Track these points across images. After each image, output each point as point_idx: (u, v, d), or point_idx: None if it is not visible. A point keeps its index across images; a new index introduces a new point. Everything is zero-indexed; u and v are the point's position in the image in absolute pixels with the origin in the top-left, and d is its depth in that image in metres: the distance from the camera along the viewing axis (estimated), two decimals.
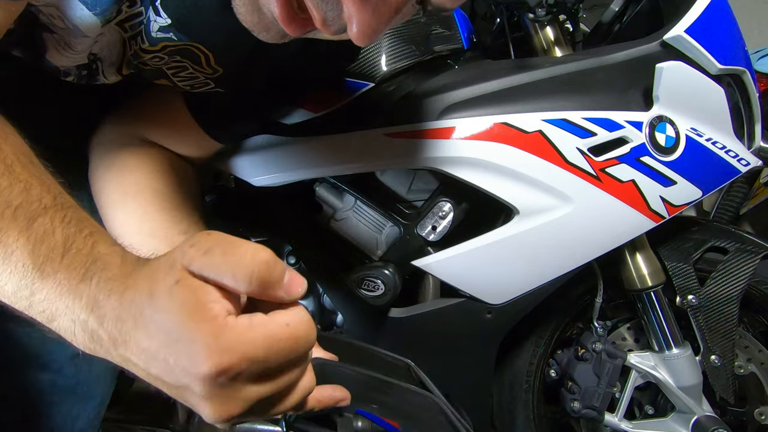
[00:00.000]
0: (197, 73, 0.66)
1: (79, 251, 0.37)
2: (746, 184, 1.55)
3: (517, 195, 0.80)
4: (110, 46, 0.60)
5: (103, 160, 0.72)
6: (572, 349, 1.04)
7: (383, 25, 0.44)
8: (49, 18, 0.53)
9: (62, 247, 0.37)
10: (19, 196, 0.39)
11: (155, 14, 0.57)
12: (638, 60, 0.82)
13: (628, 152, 0.79)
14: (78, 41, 0.56)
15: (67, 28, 0.54)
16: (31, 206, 0.38)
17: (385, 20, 0.43)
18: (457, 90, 0.81)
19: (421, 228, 0.88)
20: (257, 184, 0.88)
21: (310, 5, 0.44)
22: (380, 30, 0.44)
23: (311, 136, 0.84)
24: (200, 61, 0.63)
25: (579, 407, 0.99)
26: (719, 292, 0.95)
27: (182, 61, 0.64)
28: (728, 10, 0.85)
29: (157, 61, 0.63)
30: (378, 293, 0.87)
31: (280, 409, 0.41)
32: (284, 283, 0.37)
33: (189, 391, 0.35)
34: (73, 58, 0.60)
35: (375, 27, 0.43)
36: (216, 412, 0.35)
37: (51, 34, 0.56)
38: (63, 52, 0.59)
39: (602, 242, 0.84)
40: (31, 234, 0.37)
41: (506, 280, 0.87)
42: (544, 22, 0.90)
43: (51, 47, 0.58)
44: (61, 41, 0.57)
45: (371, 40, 0.44)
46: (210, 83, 0.68)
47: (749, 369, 1.01)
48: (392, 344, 0.91)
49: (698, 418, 0.96)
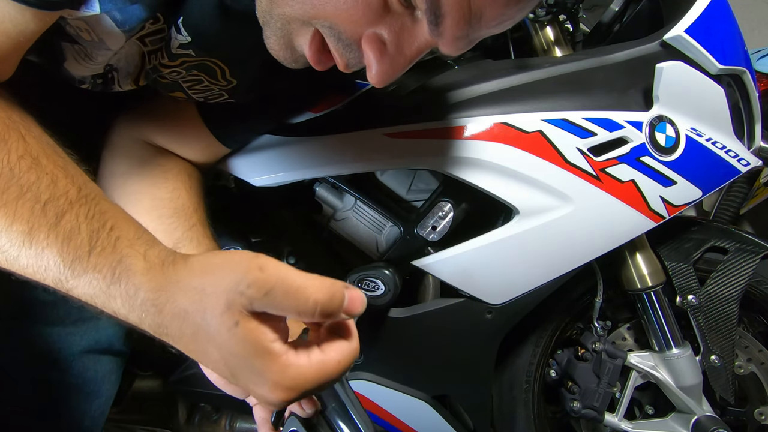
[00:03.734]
0: (212, 86, 0.68)
1: (103, 249, 0.40)
2: (746, 184, 1.54)
3: (517, 195, 0.80)
4: (128, 58, 0.61)
5: (107, 168, 0.73)
6: (572, 349, 1.04)
7: (398, 73, 0.50)
8: (76, 30, 0.54)
9: (88, 245, 0.40)
10: (47, 191, 0.41)
11: (176, 32, 0.58)
12: (638, 60, 0.82)
13: (628, 152, 0.79)
14: (100, 53, 0.57)
15: (93, 41, 0.55)
16: (59, 201, 0.41)
17: (400, 69, 0.50)
18: (457, 90, 0.81)
19: (421, 228, 0.88)
20: (257, 184, 0.88)
21: (335, 54, 0.50)
22: (395, 76, 0.50)
23: (311, 136, 0.84)
24: (216, 74, 0.66)
25: (579, 407, 0.99)
26: (719, 292, 0.95)
27: (198, 75, 0.66)
28: (728, 10, 0.85)
29: (175, 75, 0.65)
30: (378, 293, 0.87)
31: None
32: (345, 306, 0.40)
33: (254, 393, 0.40)
34: (91, 68, 0.61)
35: (391, 74, 0.50)
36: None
37: (72, 45, 0.57)
38: (82, 63, 0.59)
39: (602, 242, 0.84)
40: (59, 232, 0.40)
41: (506, 280, 0.87)
42: (544, 22, 0.90)
43: (70, 57, 0.59)
44: (81, 52, 0.58)
45: (387, 84, 0.51)
46: (224, 95, 0.70)
47: (749, 369, 1.01)
48: (392, 344, 0.91)
49: (698, 418, 0.96)
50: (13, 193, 0.40)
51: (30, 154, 0.42)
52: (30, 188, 0.40)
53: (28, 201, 0.40)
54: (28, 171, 0.41)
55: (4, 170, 0.41)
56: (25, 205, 0.40)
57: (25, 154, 0.42)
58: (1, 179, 0.40)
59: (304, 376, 0.39)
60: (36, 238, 0.39)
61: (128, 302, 0.39)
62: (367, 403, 0.94)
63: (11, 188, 0.40)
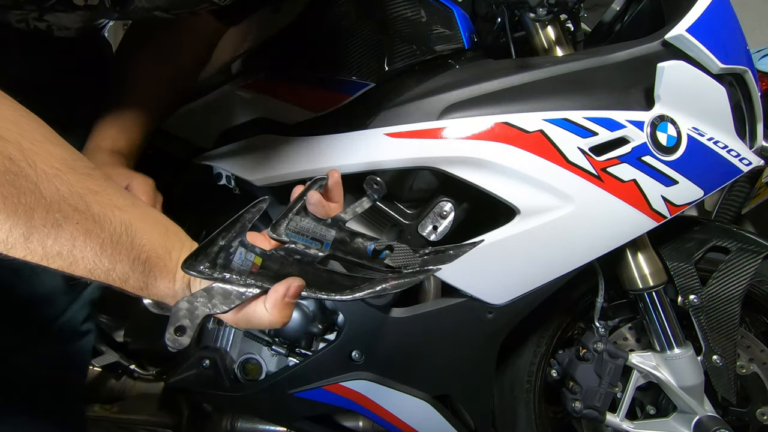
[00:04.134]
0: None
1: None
2: (748, 184, 1.55)
3: (518, 195, 0.80)
4: None
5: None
6: (573, 349, 1.04)
7: None
8: None
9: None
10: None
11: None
12: (639, 59, 0.82)
13: (629, 152, 0.79)
14: None
15: None
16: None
17: None
18: (458, 89, 0.81)
19: (421, 228, 0.88)
20: (258, 184, 0.88)
21: None
22: None
23: (311, 136, 0.84)
24: None
25: (580, 407, 0.99)
26: (721, 291, 0.95)
27: None
28: (730, 9, 0.85)
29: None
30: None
31: None
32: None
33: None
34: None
35: None
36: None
37: None
38: None
39: (603, 242, 0.84)
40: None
41: (507, 280, 0.86)
42: (545, 22, 0.89)
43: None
44: None
45: None
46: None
47: (751, 369, 1.01)
48: (393, 344, 0.91)
49: (700, 418, 0.96)
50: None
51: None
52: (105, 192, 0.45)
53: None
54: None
55: None
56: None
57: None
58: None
59: None
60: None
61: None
62: (367, 402, 0.94)
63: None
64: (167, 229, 0.49)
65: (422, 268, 0.54)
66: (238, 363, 1.00)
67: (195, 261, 0.45)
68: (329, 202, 0.58)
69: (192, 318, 0.45)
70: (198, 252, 0.45)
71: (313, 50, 0.90)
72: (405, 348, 0.92)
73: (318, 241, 0.55)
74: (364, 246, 0.57)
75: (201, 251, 0.46)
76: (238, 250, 0.48)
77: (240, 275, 0.47)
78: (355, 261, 0.55)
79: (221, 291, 0.46)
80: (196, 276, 0.45)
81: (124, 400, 1.08)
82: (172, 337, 0.44)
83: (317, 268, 0.51)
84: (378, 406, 0.94)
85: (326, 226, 0.56)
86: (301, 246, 0.52)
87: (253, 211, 0.51)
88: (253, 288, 0.47)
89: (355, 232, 0.57)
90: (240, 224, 0.49)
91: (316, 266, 0.51)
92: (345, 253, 0.56)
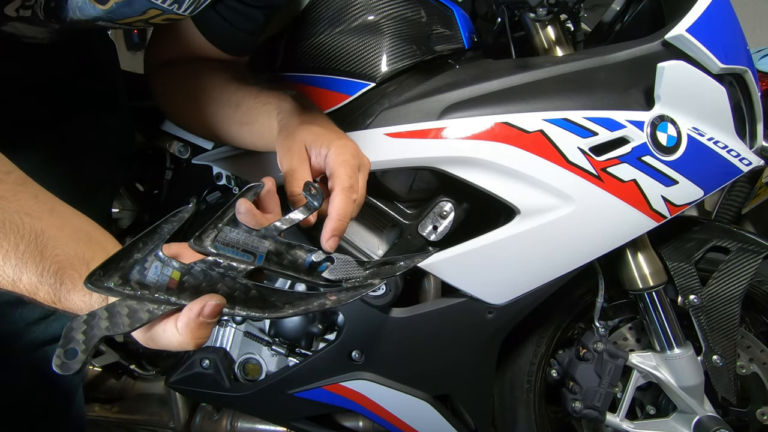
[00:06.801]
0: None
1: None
2: (748, 184, 1.54)
3: (518, 195, 0.80)
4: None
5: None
6: (573, 349, 1.04)
7: None
8: None
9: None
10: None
11: None
12: (639, 59, 0.82)
13: (629, 152, 0.79)
14: None
15: None
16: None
17: None
18: (458, 89, 0.81)
19: (422, 228, 0.88)
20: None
21: None
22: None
23: None
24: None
25: (580, 407, 0.99)
26: (721, 291, 0.95)
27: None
28: (730, 9, 0.85)
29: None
30: (379, 293, 0.87)
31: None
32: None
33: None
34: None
35: None
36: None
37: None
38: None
39: (603, 242, 0.84)
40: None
41: (507, 280, 0.86)
42: (545, 22, 0.89)
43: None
44: None
45: None
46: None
47: (751, 369, 1.01)
48: (393, 344, 0.91)
49: (700, 418, 0.96)
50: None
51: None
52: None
53: None
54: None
55: None
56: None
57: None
58: None
59: None
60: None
61: None
62: (367, 402, 0.94)
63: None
64: (90, 238, 0.45)
65: (366, 281, 0.51)
66: (238, 363, 1.00)
67: (103, 276, 0.41)
68: (264, 213, 0.55)
69: (88, 339, 0.39)
70: (107, 265, 0.41)
71: (313, 50, 0.90)
72: (405, 348, 0.92)
73: (250, 253, 0.50)
74: (302, 258, 0.53)
75: (111, 264, 0.41)
76: (154, 264, 0.44)
77: (156, 291, 0.43)
78: (291, 275, 0.51)
79: (128, 308, 0.41)
80: (99, 292, 0.41)
81: (124, 400, 1.08)
82: (60, 361, 0.38)
83: (245, 283, 0.47)
84: (378, 406, 0.94)
85: (259, 236, 0.52)
86: (228, 259, 0.47)
87: (173, 221, 0.47)
88: (165, 305, 0.42)
89: (292, 244, 0.53)
90: (157, 235, 0.45)
91: (243, 281, 0.47)
92: (281, 267, 0.51)
